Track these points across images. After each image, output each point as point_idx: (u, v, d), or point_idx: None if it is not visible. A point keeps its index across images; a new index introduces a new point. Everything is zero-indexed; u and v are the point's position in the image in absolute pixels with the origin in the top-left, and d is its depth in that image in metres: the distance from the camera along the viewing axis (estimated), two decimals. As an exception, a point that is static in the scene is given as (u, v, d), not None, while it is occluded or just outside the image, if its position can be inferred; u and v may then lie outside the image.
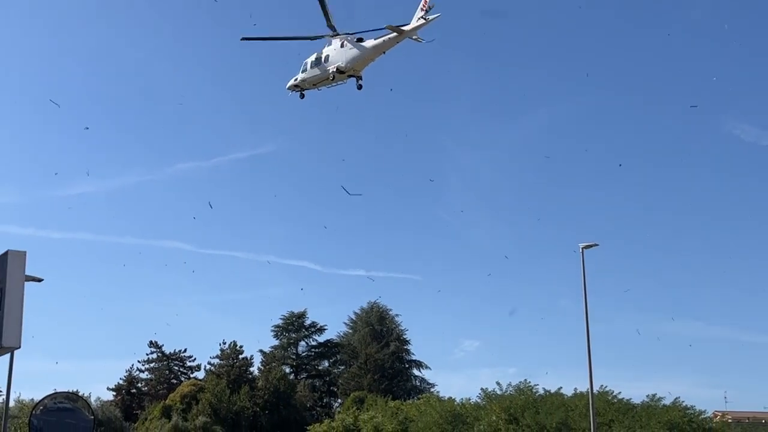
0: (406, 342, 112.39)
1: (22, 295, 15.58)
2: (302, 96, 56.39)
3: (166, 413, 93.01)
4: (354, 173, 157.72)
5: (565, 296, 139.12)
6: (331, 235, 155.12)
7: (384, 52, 51.55)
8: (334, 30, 52.95)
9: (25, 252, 15.81)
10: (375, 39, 51.41)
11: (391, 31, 49.83)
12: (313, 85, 55.20)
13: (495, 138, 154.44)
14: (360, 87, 53.51)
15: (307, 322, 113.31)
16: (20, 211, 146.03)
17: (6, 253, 15.83)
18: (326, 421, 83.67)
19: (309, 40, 54.52)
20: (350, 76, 53.19)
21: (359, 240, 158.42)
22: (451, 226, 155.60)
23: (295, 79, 55.63)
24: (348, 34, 52.71)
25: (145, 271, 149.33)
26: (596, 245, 52.20)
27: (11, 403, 62.67)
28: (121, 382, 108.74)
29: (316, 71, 54.30)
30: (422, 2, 48.47)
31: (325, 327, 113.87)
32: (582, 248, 51.76)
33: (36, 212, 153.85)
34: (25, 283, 15.86)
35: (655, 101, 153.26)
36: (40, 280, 45.87)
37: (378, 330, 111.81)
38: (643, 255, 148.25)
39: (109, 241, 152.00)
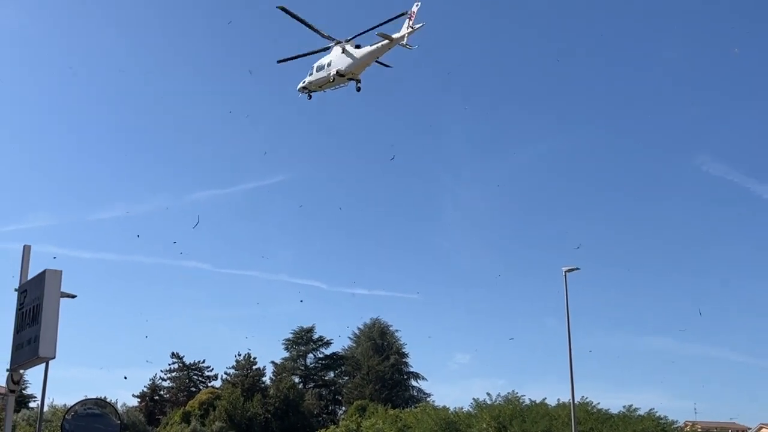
0: (405, 355, 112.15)
1: (58, 310, 15.59)
2: (310, 97, 57.48)
3: (186, 419, 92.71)
4: (357, 201, 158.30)
5: (550, 314, 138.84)
6: (337, 257, 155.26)
7: (378, 57, 52.77)
8: (332, 39, 54.08)
9: (61, 271, 15.82)
10: (370, 46, 52.53)
11: (382, 39, 50.87)
12: (319, 87, 56.24)
13: (487, 171, 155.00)
14: (359, 89, 54.66)
15: (315, 336, 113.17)
16: (56, 233, 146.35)
17: (44, 272, 15.85)
18: (332, 428, 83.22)
19: (320, 36, 55.06)
20: (350, 79, 54.24)
21: (363, 262, 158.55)
22: (446, 249, 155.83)
23: (304, 82, 57.00)
24: (348, 41, 53.63)
25: (168, 289, 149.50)
26: (578, 269, 52.23)
27: (45, 408, 62.35)
28: (145, 389, 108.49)
29: (321, 74, 55.40)
30: (410, 14, 49.72)
31: (332, 341, 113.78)
32: (565, 271, 51.75)
33: (70, 234, 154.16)
34: (60, 299, 15.88)
35: (632, 138, 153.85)
36: (73, 297, 45.83)
37: (379, 344, 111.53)
38: (622, 278, 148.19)
39: (135, 261, 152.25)
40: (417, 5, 49.72)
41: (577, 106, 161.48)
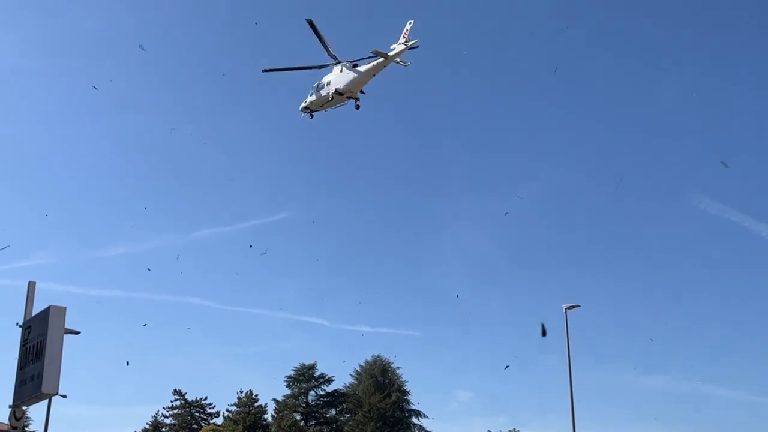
0: (407, 393, 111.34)
1: (61, 346, 15.63)
2: (311, 116, 58.19)
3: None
4: (359, 238, 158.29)
5: (551, 351, 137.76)
6: (339, 295, 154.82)
7: (374, 75, 53.38)
8: (335, 58, 54.71)
9: (65, 307, 15.90)
10: (366, 64, 53.23)
11: (377, 56, 51.61)
12: (320, 106, 56.96)
13: (486, 208, 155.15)
14: (357, 107, 55.33)
15: (317, 374, 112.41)
16: (60, 270, 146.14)
17: (48, 308, 15.94)
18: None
19: (318, 68, 56.01)
20: (349, 97, 54.96)
21: (364, 299, 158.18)
22: (447, 286, 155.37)
23: (305, 102, 57.77)
24: (348, 61, 54.38)
25: (172, 325, 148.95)
26: (578, 306, 52.17)
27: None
28: (147, 426, 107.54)
29: (320, 94, 56.16)
30: (404, 31, 50.58)
31: (333, 378, 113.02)
32: (565, 309, 51.69)
33: (74, 271, 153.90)
34: (64, 335, 15.93)
35: (627, 176, 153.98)
36: (77, 333, 45.67)
37: (381, 381, 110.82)
38: (620, 315, 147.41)
39: (139, 298, 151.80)
40: (410, 23, 50.76)
41: (575, 144, 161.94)
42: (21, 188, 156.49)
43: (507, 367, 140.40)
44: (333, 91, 54.52)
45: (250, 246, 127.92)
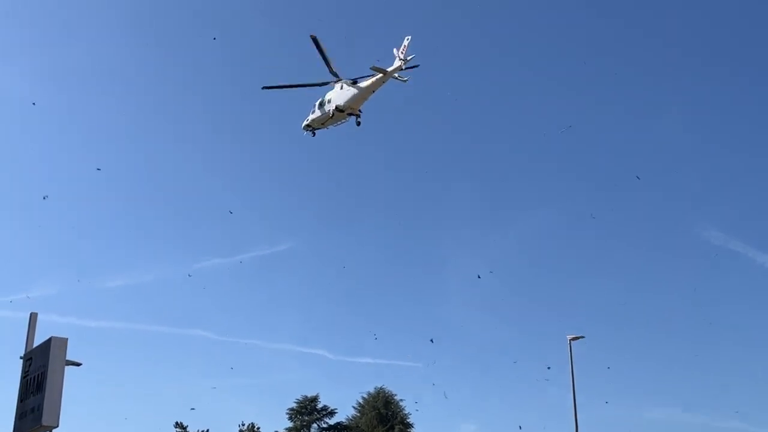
0: (410, 425, 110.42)
1: (62, 378, 15.45)
2: (314, 134, 58.41)
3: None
4: (361, 270, 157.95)
5: (554, 383, 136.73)
6: (342, 326, 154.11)
7: (374, 92, 53.62)
8: (337, 76, 54.89)
9: (66, 339, 15.76)
10: (366, 80, 53.55)
11: (376, 72, 51.90)
12: (321, 124, 57.14)
13: (489, 237, 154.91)
14: (359, 123, 55.54)
15: (319, 406, 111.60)
16: (61, 301, 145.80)
17: (49, 340, 15.77)
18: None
19: (319, 86, 56.12)
20: (350, 114, 55.11)
21: (367, 331, 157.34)
22: (450, 318, 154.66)
23: (307, 120, 58.15)
24: (349, 79, 54.70)
25: (173, 357, 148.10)
26: (582, 337, 51.81)
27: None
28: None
29: (322, 111, 56.39)
30: (401, 47, 50.88)
31: (336, 410, 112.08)
32: (570, 340, 51.34)
33: (76, 303, 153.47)
34: (66, 367, 15.75)
35: (630, 207, 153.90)
36: (78, 365, 45.39)
37: (384, 414, 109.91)
38: (625, 346, 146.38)
39: (140, 329, 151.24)
40: (408, 39, 51.20)
41: (578, 174, 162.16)
42: (22, 219, 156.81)
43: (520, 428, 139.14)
44: (334, 108, 54.86)
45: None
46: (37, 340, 17.08)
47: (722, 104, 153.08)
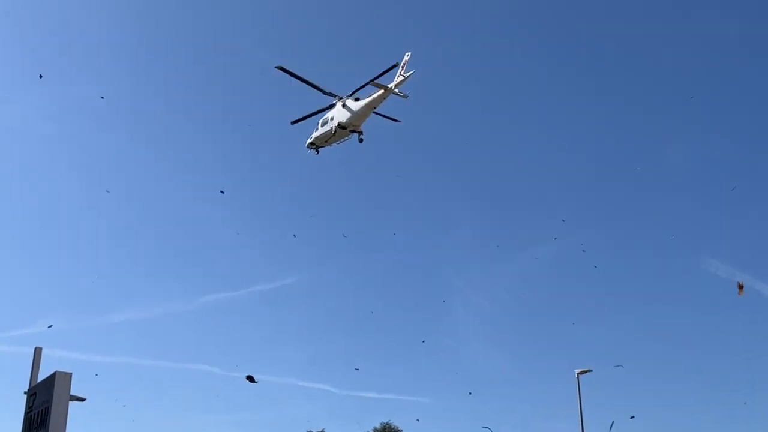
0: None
1: (66, 413, 15.25)
2: (317, 152, 58.75)
3: None
4: (366, 303, 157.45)
5: (562, 419, 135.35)
6: (346, 360, 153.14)
7: (375, 108, 54.04)
8: (333, 95, 55.54)
9: (71, 373, 15.54)
10: (367, 97, 53.94)
11: (377, 88, 52.26)
12: (325, 141, 57.50)
13: (495, 271, 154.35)
14: (361, 140, 55.88)
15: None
16: (66, 336, 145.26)
17: (54, 375, 15.59)
18: None
19: (323, 93, 56.26)
20: (352, 131, 55.43)
21: (372, 364, 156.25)
22: (457, 351, 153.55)
23: (310, 138, 58.57)
24: (349, 96, 55.25)
25: (177, 392, 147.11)
26: (590, 371, 51.27)
27: None
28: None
29: (325, 129, 56.78)
30: (402, 63, 51.24)
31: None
32: (577, 374, 50.81)
33: (81, 337, 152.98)
34: (70, 402, 15.55)
35: (637, 240, 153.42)
36: (83, 400, 44.99)
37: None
38: (634, 381, 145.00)
39: (144, 364, 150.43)
40: (408, 55, 51.57)
41: (582, 209, 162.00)
42: (27, 253, 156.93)
43: None
44: (336, 125, 55.35)
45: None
46: (41, 375, 16.89)
47: (727, 133, 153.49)
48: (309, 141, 58.75)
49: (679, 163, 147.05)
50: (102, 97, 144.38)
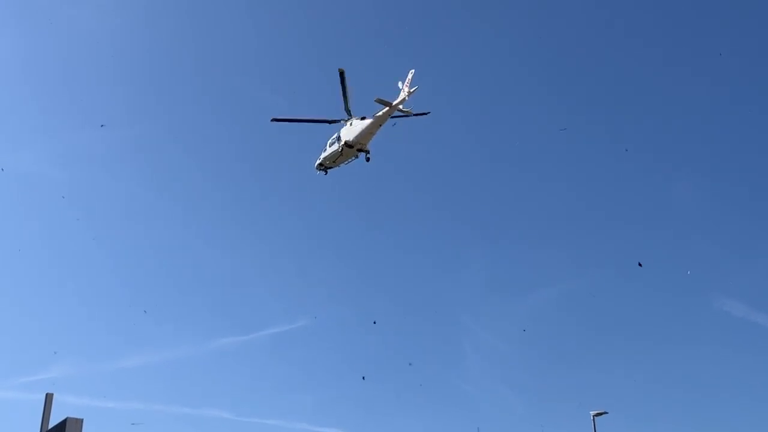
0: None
1: (77, 460, 15.09)
2: (326, 173, 58.83)
3: None
4: (377, 348, 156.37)
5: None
6: (359, 404, 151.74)
7: (381, 125, 54.04)
8: (349, 114, 55.56)
9: (82, 419, 15.41)
10: (373, 115, 54.03)
11: (382, 105, 52.35)
12: (333, 161, 57.57)
13: (506, 312, 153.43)
14: (368, 160, 56.03)
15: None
16: (78, 382, 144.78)
17: (65, 421, 15.46)
18: None
19: (328, 123, 56.59)
20: (359, 150, 55.48)
21: (384, 407, 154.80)
22: (468, 393, 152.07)
23: (319, 159, 58.53)
24: (357, 116, 55.31)
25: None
26: (606, 413, 50.67)
27: None
28: None
29: (332, 149, 56.87)
30: (406, 80, 51.64)
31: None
32: (593, 416, 50.22)
33: (92, 383, 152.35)
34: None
35: (649, 279, 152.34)
36: (93, 446, 44.75)
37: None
38: (649, 423, 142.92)
39: (156, 410, 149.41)
40: (412, 72, 52.07)
41: (594, 248, 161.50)
42: (37, 299, 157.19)
43: None
44: (343, 144, 55.55)
45: None
46: (53, 421, 16.76)
47: (739, 169, 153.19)
48: (317, 162, 59.06)
49: (687, 200, 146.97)
50: (102, 125, 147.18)
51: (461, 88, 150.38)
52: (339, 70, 54.23)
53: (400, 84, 54.05)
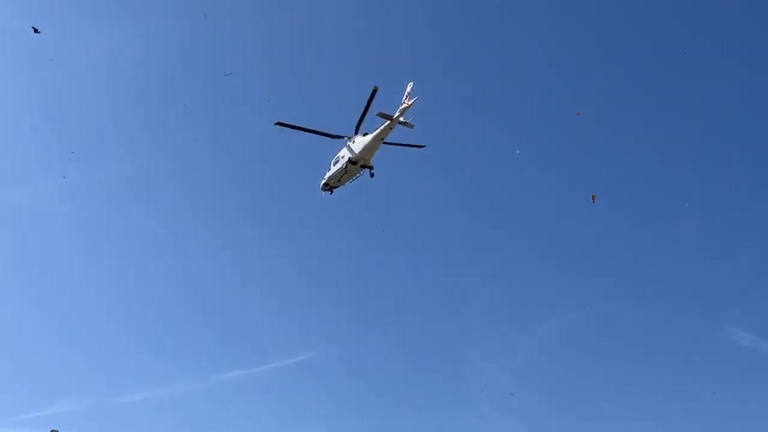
0: None
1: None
2: (331, 192, 59.61)
3: None
4: (384, 380, 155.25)
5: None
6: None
7: (383, 139, 54.68)
8: (356, 132, 56.42)
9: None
10: (374, 131, 54.65)
11: (383, 119, 53.16)
12: (338, 180, 58.28)
13: (512, 345, 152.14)
14: (372, 175, 56.60)
15: None
16: (84, 417, 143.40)
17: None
18: None
19: (330, 138, 57.27)
20: (362, 166, 56.09)
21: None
22: (475, 427, 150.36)
23: (324, 178, 58.58)
24: (360, 134, 56.34)
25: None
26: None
27: None
28: None
29: (337, 167, 57.47)
30: (405, 94, 52.24)
31: None
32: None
33: (97, 418, 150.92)
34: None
35: (659, 306, 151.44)
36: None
37: None
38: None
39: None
40: (411, 84, 52.54)
41: (599, 278, 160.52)
42: (42, 335, 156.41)
43: None
44: (347, 161, 55.64)
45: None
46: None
47: (744, 204, 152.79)
48: (322, 182, 59.16)
49: (692, 235, 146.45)
50: (72, 152, 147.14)
51: (464, 119, 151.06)
52: (374, 87, 54.42)
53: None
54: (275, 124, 56.92)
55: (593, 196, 74.11)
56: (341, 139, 57.87)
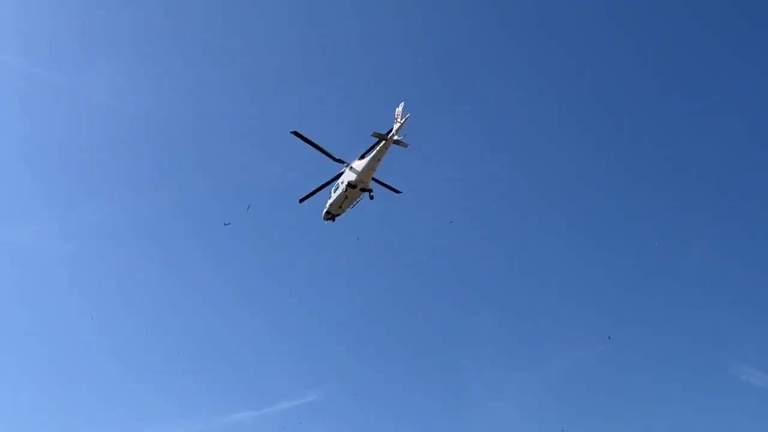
0: None
1: None
2: (333, 220, 59.78)
3: None
4: (391, 418, 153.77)
5: None
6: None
7: (380, 160, 54.87)
8: (342, 162, 57.34)
9: None
10: (371, 153, 55.14)
11: (378, 139, 53.25)
12: (339, 207, 58.73)
13: (518, 380, 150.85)
14: (371, 197, 57.41)
15: None
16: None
17: None
18: None
19: (333, 159, 57.92)
20: (362, 190, 56.61)
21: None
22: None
23: (325, 208, 59.16)
24: (356, 159, 56.77)
25: None
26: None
27: None
28: None
29: (337, 193, 58.09)
30: (396, 112, 52.67)
31: None
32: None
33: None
34: None
35: (664, 346, 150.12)
36: None
37: None
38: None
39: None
40: (401, 104, 53.38)
41: (607, 316, 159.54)
42: (44, 373, 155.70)
43: None
44: (346, 185, 55.99)
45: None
46: None
47: (753, 234, 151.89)
48: (324, 211, 59.74)
49: (701, 263, 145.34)
50: None
51: (463, 153, 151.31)
52: (292, 132, 55.90)
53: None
54: (291, 132, 57.90)
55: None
56: (340, 164, 58.65)
